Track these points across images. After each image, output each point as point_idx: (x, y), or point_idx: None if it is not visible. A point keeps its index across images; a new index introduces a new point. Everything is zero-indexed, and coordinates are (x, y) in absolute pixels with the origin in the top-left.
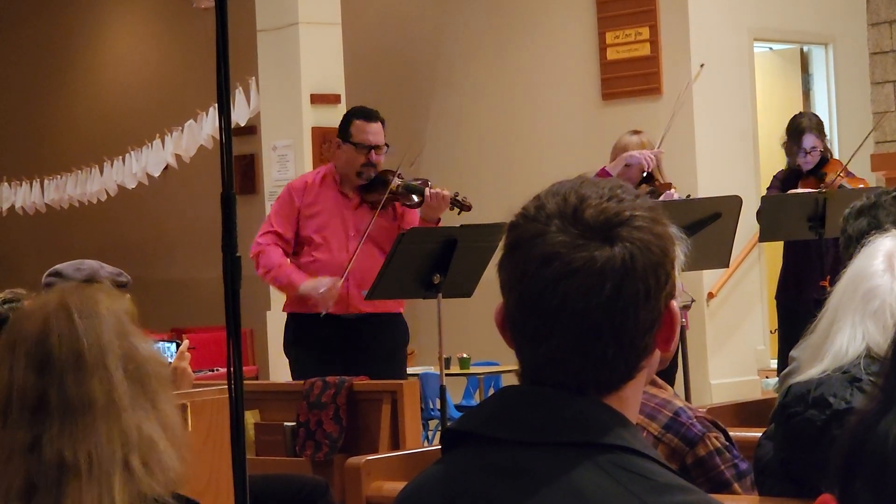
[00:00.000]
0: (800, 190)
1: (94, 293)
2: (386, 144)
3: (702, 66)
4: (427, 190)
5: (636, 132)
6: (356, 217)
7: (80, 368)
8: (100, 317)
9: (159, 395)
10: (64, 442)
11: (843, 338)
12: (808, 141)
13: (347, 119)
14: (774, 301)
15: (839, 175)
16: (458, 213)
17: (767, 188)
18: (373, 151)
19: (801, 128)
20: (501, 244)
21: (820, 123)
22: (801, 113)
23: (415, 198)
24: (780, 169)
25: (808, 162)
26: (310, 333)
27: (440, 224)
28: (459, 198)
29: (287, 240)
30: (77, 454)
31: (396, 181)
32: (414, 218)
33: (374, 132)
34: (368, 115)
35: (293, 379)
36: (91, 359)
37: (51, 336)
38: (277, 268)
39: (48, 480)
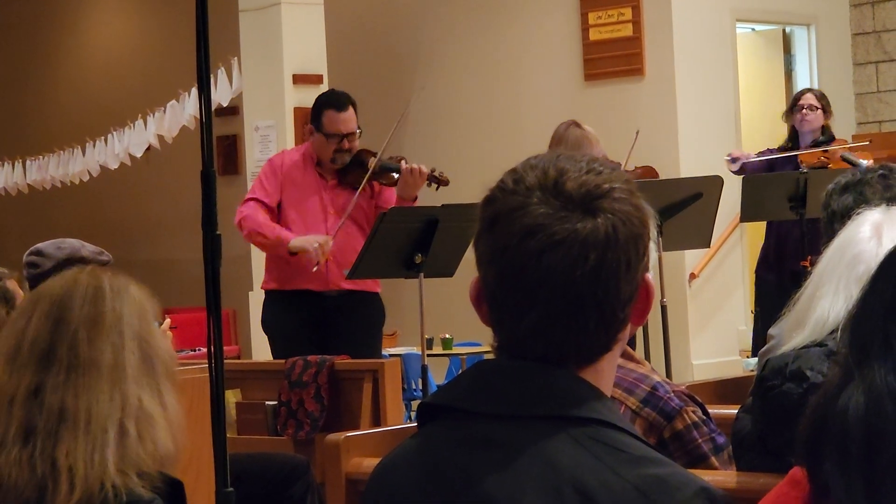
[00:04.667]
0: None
1: (127, 280)
2: (359, 128)
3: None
4: (403, 164)
5: (577, 124)
6: (334, 196)
7: (95, 329)
8: (127, 296)
9: (165, 384)
10: (67, 391)
11: (825, 304)
12: (808, 98)
13: (318, 108)
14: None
15: (841, 147)
16: (437, 189)
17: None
18: (345, 139)
19: (801, 92)
20: (478, 219)
21: (824, 94)
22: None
23: (394, 175)
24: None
25: (806, 120)
26: (288, 311)
27: (417, 203)
28: (436, 173)
29: (270, 208)
30: (78, 404)
31: (374, 161)
32: (391, 195)
33: (345, 121)
34: (339, 103)
35: (273, 356)
36: (108, 323)
37: (75, 295)
38: (263, 225)
39: (47, 426)
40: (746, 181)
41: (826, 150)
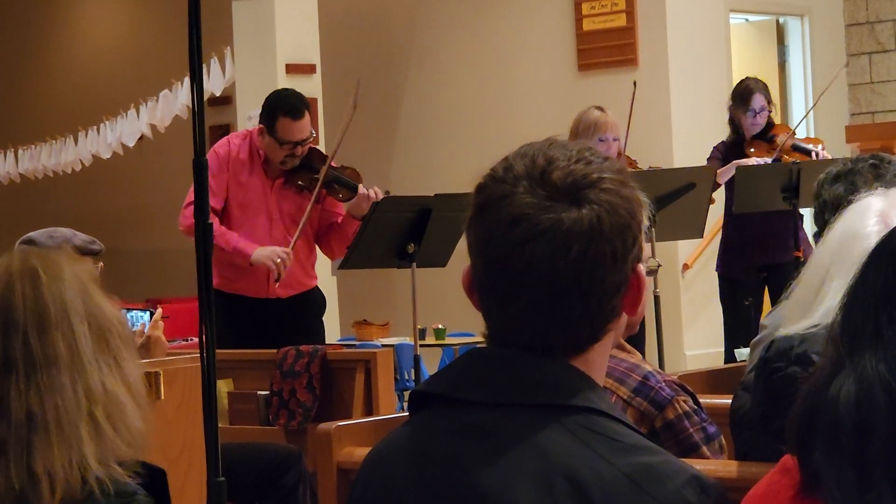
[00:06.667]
0: (753, 161)
1: (57, 257)
2: (312, 131)
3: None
4: (361, 188)
5: (599, 108)
6: (279, 198)
7: (43, 325)
8: (63, 280)
9: (122, 352)
10: (31, 396)
11: (835, 298)
12: (758, 101)
13: (272, 112)
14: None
15: (789, 137)
16: None
17: (707, 159)
18: (298, 146)
19: (749, 89)
20: (470, 206)
21: (766, 86)
22: (746, 77)
23: (346, 193)
24: (721, 140)
25: (756, 123)
26: (229, 312)
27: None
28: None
29: (217, 212)
30: (44, 407)
31: (324, 169)
32: (340, 205)
33: (300, 129)
34: (295, 111)
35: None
36: (54, 317)
37: (14, 297)
38: (220, 235)
39: (17, 435)
40: (740, 171)
41: (775, 144)
